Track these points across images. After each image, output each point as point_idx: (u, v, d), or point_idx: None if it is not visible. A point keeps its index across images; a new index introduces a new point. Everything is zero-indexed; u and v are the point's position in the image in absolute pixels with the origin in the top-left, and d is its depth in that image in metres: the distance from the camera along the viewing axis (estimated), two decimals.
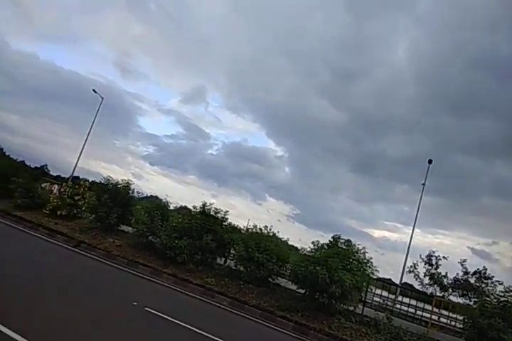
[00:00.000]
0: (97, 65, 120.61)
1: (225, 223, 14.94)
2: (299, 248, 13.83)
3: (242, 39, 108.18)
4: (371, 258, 12.02)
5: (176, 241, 13.60)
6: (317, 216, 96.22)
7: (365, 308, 12.67)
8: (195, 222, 14.06)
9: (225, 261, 15.03)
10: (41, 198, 18.36)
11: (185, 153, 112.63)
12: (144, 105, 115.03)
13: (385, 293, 15.79)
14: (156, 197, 18.94)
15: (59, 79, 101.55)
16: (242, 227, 16.68)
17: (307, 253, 12.48)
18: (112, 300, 8.03)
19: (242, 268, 13.23)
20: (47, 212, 17.38)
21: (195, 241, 13.63)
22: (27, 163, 40.85)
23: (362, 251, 12.16)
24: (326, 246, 12.51)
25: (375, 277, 12.60)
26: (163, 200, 16.76)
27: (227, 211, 15.36)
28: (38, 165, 48.98)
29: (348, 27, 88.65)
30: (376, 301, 14.99)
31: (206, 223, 14.03)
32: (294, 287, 12.60)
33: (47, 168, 50.85)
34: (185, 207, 22.10)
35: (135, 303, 7.83)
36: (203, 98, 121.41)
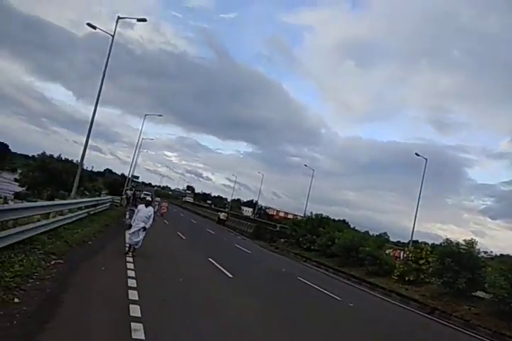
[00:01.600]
0: (411, 129, 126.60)
1: None
2: None
3: None
4: None
5: None
6: None
7: None
8: None
9: None
10: (388, 264, 19.57)
11: None
12: (469, 155, 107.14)
13: None
14: (508, 256, 16.11)
15: (381, 151, 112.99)
16: None
17: None
18: None
19: None
20: (395, 277, 18.20)
21: None
22: (370, 232, 45.18)
23: None
24: None
25: None
26: None
27: None
28: (378, 233, 53.06)
29: None
30: None
31: None
32: None
33: (387, 235, 54.18)
34: None
35: None
36: None
